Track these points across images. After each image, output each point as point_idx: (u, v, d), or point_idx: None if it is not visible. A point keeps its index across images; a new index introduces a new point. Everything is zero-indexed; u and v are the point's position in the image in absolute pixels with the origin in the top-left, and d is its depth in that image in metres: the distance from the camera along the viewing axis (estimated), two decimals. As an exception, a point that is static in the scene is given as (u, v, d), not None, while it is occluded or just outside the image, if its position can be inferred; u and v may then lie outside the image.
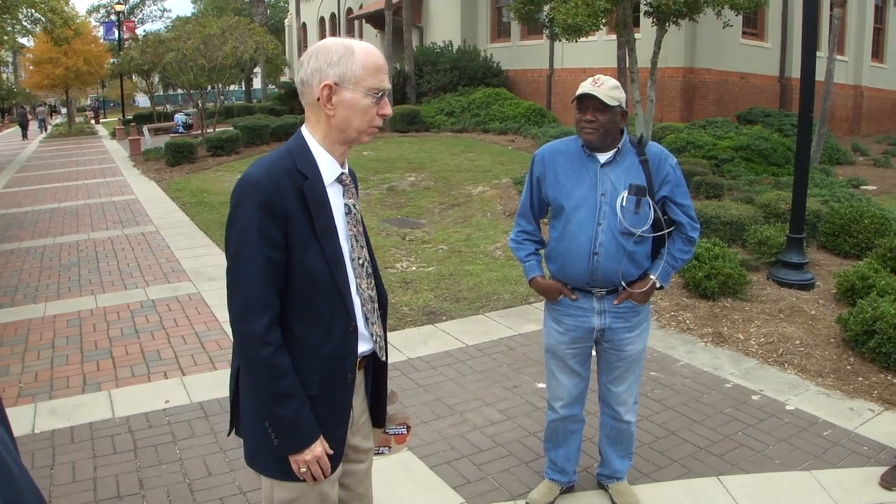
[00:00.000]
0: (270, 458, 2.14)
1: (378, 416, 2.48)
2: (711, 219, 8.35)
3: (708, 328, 6.12)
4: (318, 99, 2.07)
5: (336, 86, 2.05)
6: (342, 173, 2.17)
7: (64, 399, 5.05)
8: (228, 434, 2.35)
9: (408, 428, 2.52)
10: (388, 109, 2.14)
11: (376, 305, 2.30)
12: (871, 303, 5.51)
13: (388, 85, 2.12)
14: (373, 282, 2.28)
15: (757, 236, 7.78)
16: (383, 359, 2.37)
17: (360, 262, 2.22)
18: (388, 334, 6.17)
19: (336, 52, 2.06)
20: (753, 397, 4.93)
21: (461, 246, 9.21)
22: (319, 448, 2.11)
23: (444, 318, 6.55)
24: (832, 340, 5.78)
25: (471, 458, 4.15)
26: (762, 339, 5.84)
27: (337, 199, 2.16)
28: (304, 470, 2.11)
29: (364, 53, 2.07)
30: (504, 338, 6.06)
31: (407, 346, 5.89)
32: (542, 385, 4.85)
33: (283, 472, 2.14)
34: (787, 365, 5.43)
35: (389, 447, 2.52)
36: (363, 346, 2.25)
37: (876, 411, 4.71)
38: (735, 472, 3.99)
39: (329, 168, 2.14)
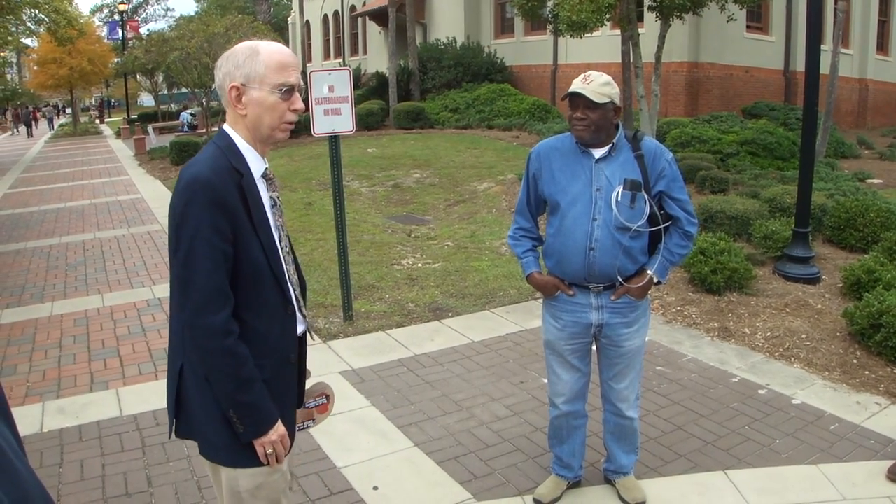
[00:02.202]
0: (235, 448, 2.21)
1: (299, 396, 2.55)
2: (717, 213, 8.33)
3: (714, 323, 6.12)
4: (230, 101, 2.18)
5: (243, 86, 2.15)
6: (266, 168, 2.28)
7: (72, 398, 5.08)
8: (169, 437, 2.42)
9: (327, 397, 2.61)
10: (299, 104, 2.21)
11: (300, 290, 2.43)
12: (877, 296, 5.50)
13: (294, 81, 2.18)
14: (294, 268, 2.41)
15: (762, 230, 7.77)
16: (313, 339, 2.57)
17: (287, 250, 2.34)
18: (394, 331, 6.23)
19: (242, 54, 2.16)
20: (760, 391, 4.93)
21: (467, 242, 9.21)
22: (282, 427, 2.22)
23: (449, 314, 6.56)
24: (838, 334, 5.77)
25: (478, 454, 4.16)
26: (768, 334, 5.84)
27: (264, 193, 2.26)
28: (269, 451, 2.20)
29: (268, 52, 2.16)
30: (510, 333, 6.07)
31: (413, 342, 5.90)
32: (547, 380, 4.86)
33: (249, 459, 2.22)
34: (793, 359, 5.43)
35: (313, 419, 2.60)
36: (299, 328, 2.38)
37: (883, 405, 4.71)
38: (742, 466, 4.00)
39: (256, 164, 2.23)
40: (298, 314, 2.37)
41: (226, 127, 2.26)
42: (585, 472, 3.86)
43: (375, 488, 3.82)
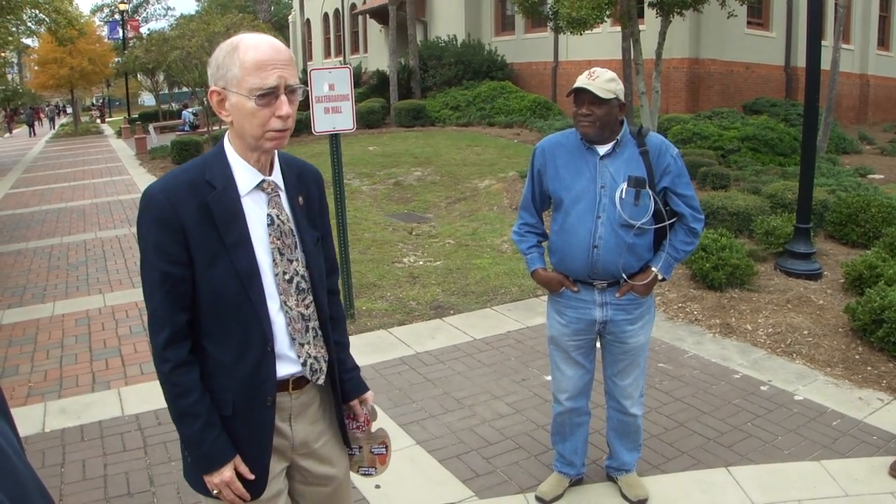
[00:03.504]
0: (194, 474, 2.07)
1: (346, 437, 2.32)
2: (718, 209, 8.32)
3: (716, 319, 6.11)
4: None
5: (224, 90, 1.92)
6: (263, 181, 2.01)
7: (73, 398, 5.08)
8: None
9: (386, 447, 2.43)
10: (283, 110, 1.90)
11: (312, 324, 2.11)
12: (878, 292, 5.49)
13: (274, 82, 1.87)
14: (308, 298, 2.10)
15: (764, 227, 7.76)
16: (318, 382, 2.14)
17: (287, 277, 2.04)
18: (396, 329, 6.19)
19: (222, 52, 1.92)
20: (762, 388, 4.92)
21: (468, 240, 9.21)
22: (228, 473, 1.99)
23: (451, 311, 6.55)
24: (840, 330, 5.76)
25: (480, 452, 4.16)
26: (770, 330, 5.83)
27: (258, 209, 2.01)
28: (216, 492, 2.02)
29: (245, 49, 1.88)
30: (512, 331, 6.06)
31: (414, 340, 5.90)
32: (550, 377, 4.85)
33: (207, 490, 2.05)
34: (795, 355, 5.42)
35: (376, 467, 2.43)
36: (289, 369, 2.07)
37: (885, 401, 4.70)
38: (744, 462, 3.99)
39: (246, 176, 1.99)
40: (290, 352, 2.07)
41: (226, 134, 2.05)
42: (587, 470, 3.85)
43: (377, 487, 3.81)
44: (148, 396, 5.00)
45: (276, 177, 2.07)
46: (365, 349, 5.71)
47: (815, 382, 4.99)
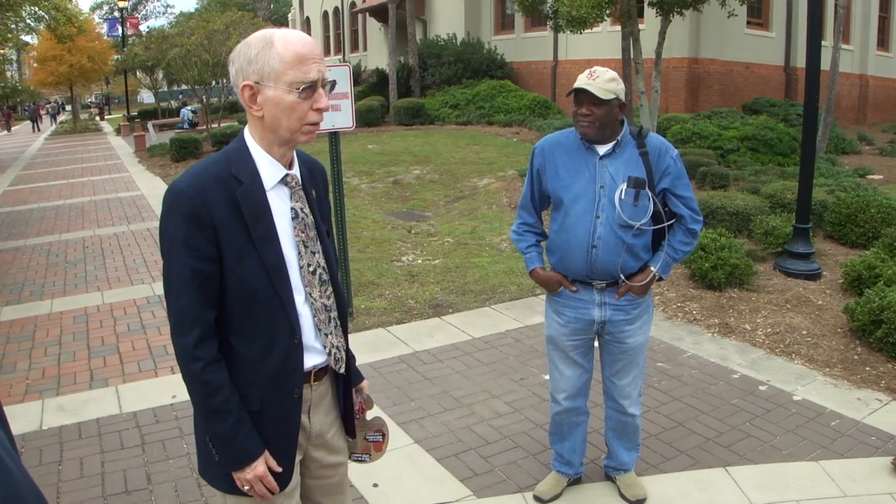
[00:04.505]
0: (218, 471, 2.07)
1: (348, 427, 2.35)
2: (717, 209, 8.31)
3: (714, 319, 6.11)
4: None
5: (257, 84, 1.92)
6: (286, 175, 2.04)
7: (71, 395, 5.07)
8: None
9: (383, 435, 2.46)
10: (322, 103, 1.95)
11: (333, 315, 2.16)
12: (877, 292, 5.49)
13: (315, 76, 1.92)
14: (329, 289, 2.15)
15: (763, 226, 7.76)
16: (340, 371, 2.20)
17: (311, 269, 2.08)
18: (395, 327, 6.18)
19: (255, 46, 1.91)
20: (760, 388, 4.92)
21: (467, 238, 9.20)
22: (261, 467, 2.02)
23: (450, 310, 6.54)
24: (839, 330, 5.76)
25: (478, 451, 4.15)
26: (769, 330, 5.83)
27: (282, 203, 2.03)
28: (247, 488, 2.03)
29: (284, 44, 1.90)
30: (510, 330, 6.06)
31: (413, 338, 5.89)
32: (548, 377, 4.85)
33: (231, 487, 2.06)
34: (794, 355, 5.42)
35: (370, 454, 2.46)
36: (314, 360, 2.12)
37: (883, 401, 4.70)
38: (743, 462, 3.99)
39: (270, 171, 2.01)
40: (316, 343, 2.11)
41: (245, 129, 2.05)
42: (586, 469, 3.85)
43: (375, 485, 3.81)
44: (146, 394, 5.00)
45: (296, 171, 2.10)
46: (363, 348, 5.70)
47: (814, 383, 4.99)
